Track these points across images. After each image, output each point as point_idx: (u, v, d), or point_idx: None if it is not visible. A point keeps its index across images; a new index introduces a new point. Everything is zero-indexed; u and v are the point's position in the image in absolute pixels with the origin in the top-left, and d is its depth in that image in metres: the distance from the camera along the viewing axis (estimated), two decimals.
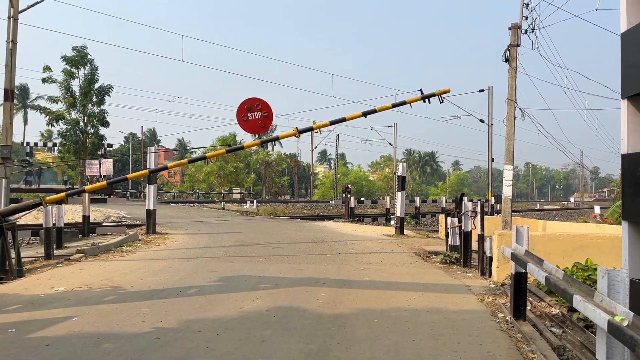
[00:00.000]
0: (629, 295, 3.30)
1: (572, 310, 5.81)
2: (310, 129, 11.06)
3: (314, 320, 5.73)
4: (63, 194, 9.75)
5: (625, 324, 2.89)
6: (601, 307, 3.20)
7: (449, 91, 11.34)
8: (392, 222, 21.46)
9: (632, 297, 3.44)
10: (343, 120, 11.23)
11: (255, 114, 10.45)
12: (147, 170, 12.65)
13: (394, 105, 11.37)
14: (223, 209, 31.71)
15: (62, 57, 33.81)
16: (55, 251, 10.45)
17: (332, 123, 11.18)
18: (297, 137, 11.04)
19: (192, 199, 51.02)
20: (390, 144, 52.23)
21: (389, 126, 50.20)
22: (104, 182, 10.96)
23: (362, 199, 45.11)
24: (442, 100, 11.34)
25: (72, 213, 21.62)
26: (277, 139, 11.20)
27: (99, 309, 6.09)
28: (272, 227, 18.57)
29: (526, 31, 17.18)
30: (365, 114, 11.17)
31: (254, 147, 75.48)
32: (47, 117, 34.79)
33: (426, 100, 11.27)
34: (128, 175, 12.49)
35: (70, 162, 35.27)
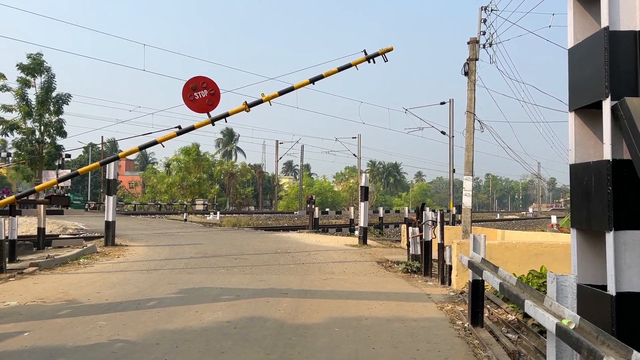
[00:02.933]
0: (576, 299, 3.44)
1: (526, 316, 5.98)
2: (260, 102, 11.01)
3: (275, 331, 5.71)
4: (13, 197, 9.46)
5: (572, 327, 3.00)
6: (550, 311, 3.32)
7: (391, 49, 11.47)
8: (356, 232, 21.58)
9: (580, 301, 3.58)
10: (292, 89, 11.23)
11: (201, 93, 10.26)
12: (98, 163, 12.37)
13: (340, 69, 11.45)
14: (185, 220, 31.23)
15: (17, 65, 32.88)
16: (7, 265, 10.04)
17: (281, 93, 11.16)
18: (247, 111, 10.93)
19: (153, 211, 50.02)
20: (354, 155, 52.75)
21: (353, 137, 50.64)
22: (54, 180, 10.67)
23: (327, 209, 45.25)
24: (387, 60, 11.47)
25: (26, 225, 20.85)
26: (227, 115, 11.01)
27: (52, 323, 5.90)
28: (235, 238, 18.39)
29: (484, 45, 17.73)
30: (312, 81, 11.26)
31: (218, 157, 74.91)
32: (1, 126, 33.66)
33: (371, 60, 11.41)
34: (79, 170, 12.16)
35: (21, 162, 33.99)
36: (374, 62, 11.44)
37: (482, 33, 17.79)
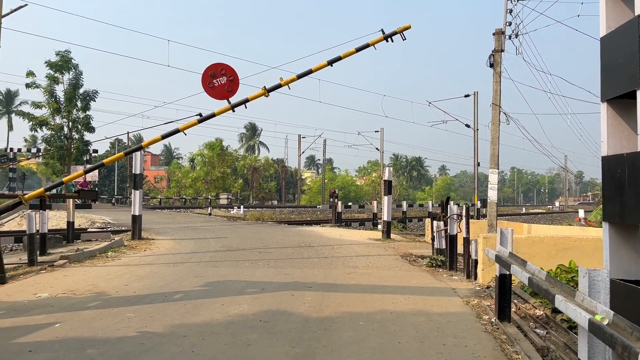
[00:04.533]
0: (609, 294, 3.36)
1: (555, 311, 5.88)
2: (279, 86, 11.00)
3: (300, 324, 5.73)
4: (42, 189, 9.64)
5: (605, 322, 2.93)
6: (582, 306, 3.24)
7: (409, 27, 11.32)
8: (379, 226, 21.49)
9: (613, 297, 3.49)
10: (310, 72, 11.16)
11: (220, 80, 10.30)
12: (122, 153, 12.59)
13: (358, 50, 11.32)
14: (210, 214, 31.53)
15: (45, 62, 33.49)
16: (38, 257, 10.31)
17: (299, 77, 11.12)
18: (266, 96, 10.94)
19: (178, 205, 50.64)
20: (377, 149, 52.45)
21: (375, 131, 50.22)
22: (81, 171, 10.92)
23: (350, 203, 45.13)
24: (405, 38, 11.34)
25: (56, 219, 21.37)
26: (246, 100, 10.99)
27: (82, 315, 6.02)
28: (259, 232, 18.51)
29: (510, 37, 17.38)
30: (330, 63, 11.22)
31: (241, 152, 75.39)
32: (31, 122, 34.42)
33: (389, 39, 11.29)
34: (104, 161, 12.39)
35: (47, 153, 34.65)
36: (392, 41, 11.33)
37: (507, 24, 17.45)
